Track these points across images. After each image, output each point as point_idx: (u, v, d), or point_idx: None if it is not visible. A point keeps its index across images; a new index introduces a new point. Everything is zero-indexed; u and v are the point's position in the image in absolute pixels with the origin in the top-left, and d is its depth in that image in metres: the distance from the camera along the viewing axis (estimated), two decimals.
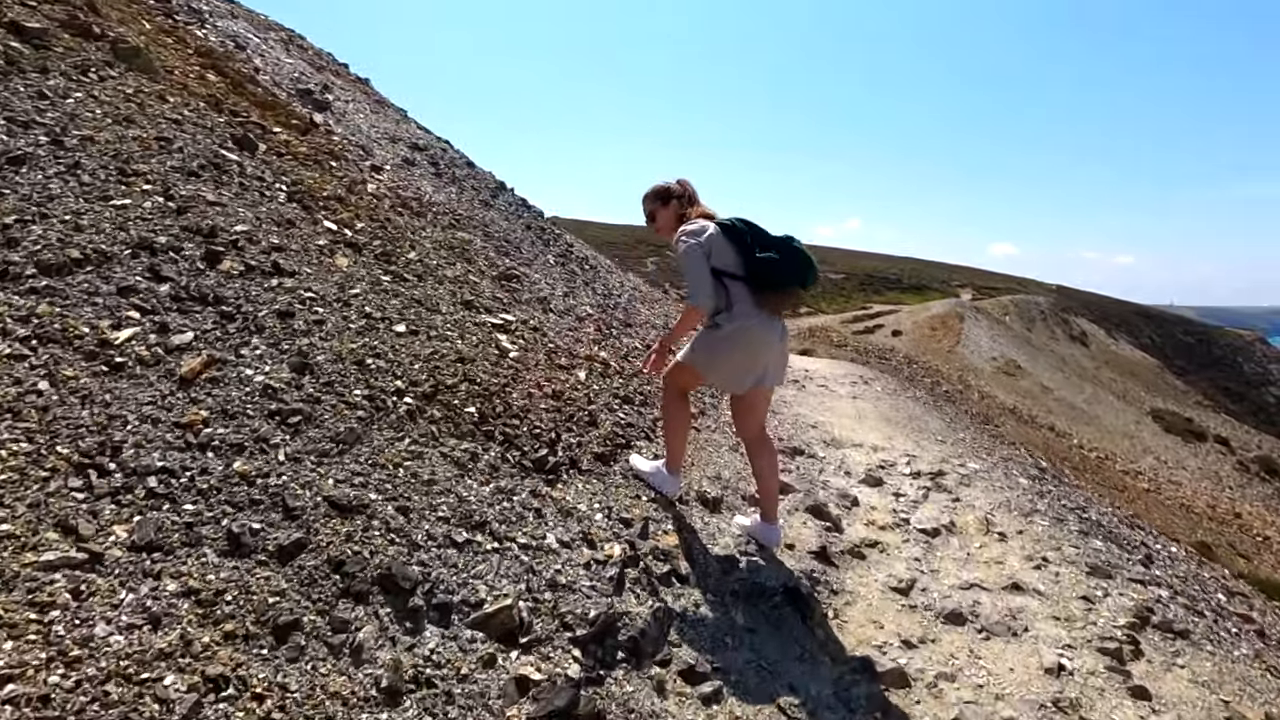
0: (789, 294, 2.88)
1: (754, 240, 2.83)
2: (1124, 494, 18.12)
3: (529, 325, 4.20)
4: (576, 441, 3.26)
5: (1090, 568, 3.31)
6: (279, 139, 4.99)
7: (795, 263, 2.81)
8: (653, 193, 3.14)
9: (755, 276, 2.83)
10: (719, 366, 2.94)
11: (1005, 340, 34.19)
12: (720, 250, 2.85)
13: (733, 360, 2.90)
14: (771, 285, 2.83)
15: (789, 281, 2.84)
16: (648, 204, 3.16)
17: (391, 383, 2.86)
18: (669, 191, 3.11)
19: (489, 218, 6.43)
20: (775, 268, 2.80)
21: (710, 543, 3.06)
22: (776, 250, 2.80)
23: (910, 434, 5.46)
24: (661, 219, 3.11)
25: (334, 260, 3.64)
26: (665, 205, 3.09)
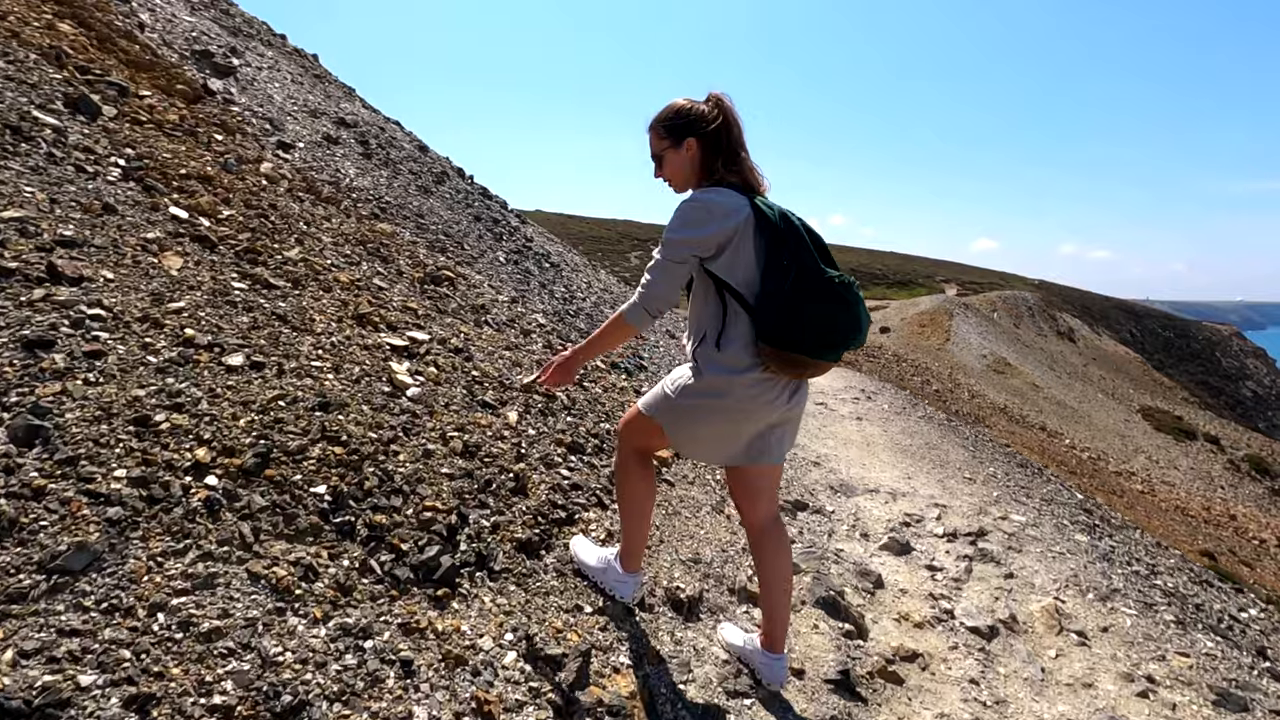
0: (811, 364, 1.82)
1: (799, 268, 1.76)
2: (1121, 498, 17.49)
3: (448, 346, 3.18)
4: (491, 524, 2.26)
5: (1217, 694, 2.38)
6: (141, 104, 3.92)
7: (842, 329, 1.77)
8: (663, 117, 1.87)
9: (773, 323, 1.77)
10: (691, 430, 1.95)
11: (994, 337, 33.59)
12: (742, 252, 1.80)
13: (711, 425, 1.91)
14: (792, 345, 1.78)
15: (821, 352, 1.78)
16: (654, 139, 1.90)
17: (186, 454, 1.85)
18: (689, 118, 1.84)
19: (427, 206, 5.40)
20: (812, 330, 1.74)
21: (684, 679, 2.08)
22: (829, 302, 1.74)
23: (932, 470, 4.51)
24: (671, 165, 1.88)
25: (161, 260, 2.61)
26: (678, 143, 1.85)
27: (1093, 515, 4.39)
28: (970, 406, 21.77)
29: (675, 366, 5.28)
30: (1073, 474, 16.47)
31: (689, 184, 1.92)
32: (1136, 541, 4.29)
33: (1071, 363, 36.97)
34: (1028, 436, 20.10)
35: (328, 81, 7.72)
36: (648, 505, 2.17)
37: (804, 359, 1.78)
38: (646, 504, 2.17)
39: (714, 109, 1.85)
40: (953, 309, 34.82)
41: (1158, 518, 17.36)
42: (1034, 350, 35.52)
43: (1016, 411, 24.06)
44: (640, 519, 2.16)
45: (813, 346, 1.77)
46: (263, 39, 7.28)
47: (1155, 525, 15.70)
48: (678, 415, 1.95)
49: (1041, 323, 41.49)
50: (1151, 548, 4.54)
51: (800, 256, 1.78)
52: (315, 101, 6.07)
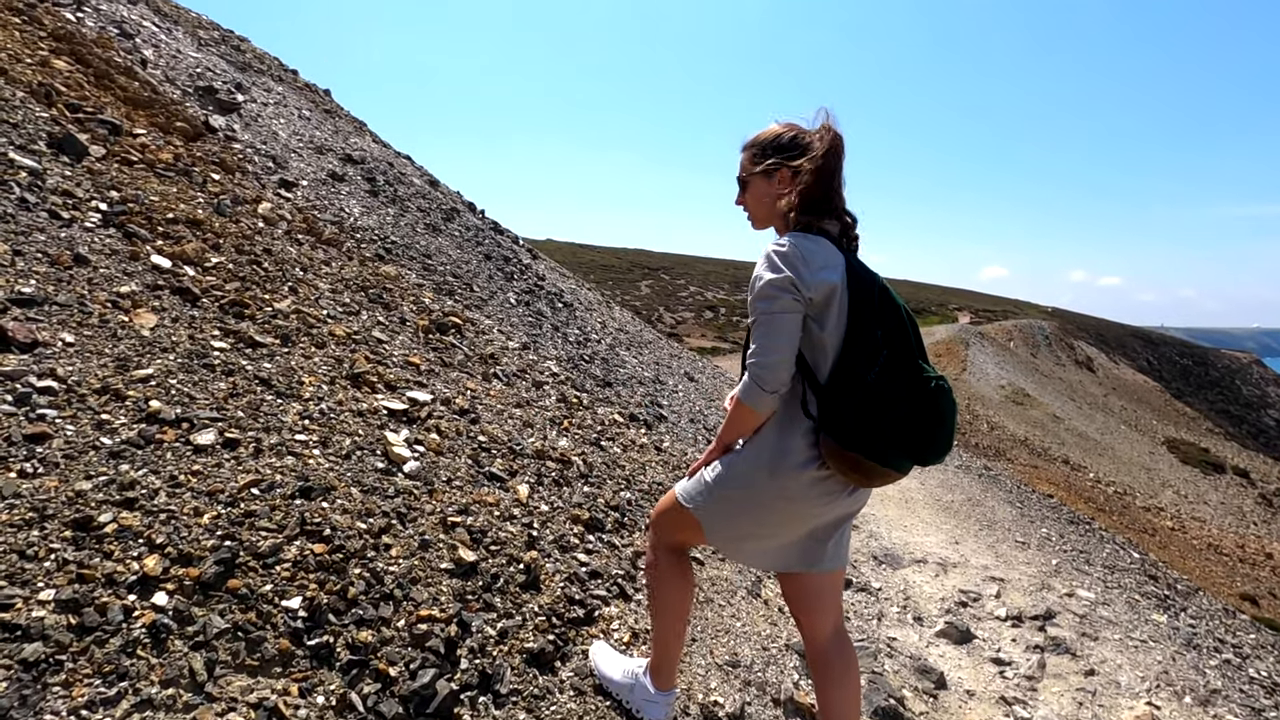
0: (879, 474, 1.48)
1: (892, 355, 1.44)
2: (1154, 537, 16.87)
3: (453, 407, 2.87)
4: (497, 632, 1.92)
5: None
6: (134, 143, 3.70)
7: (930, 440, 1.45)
8: (761, 139, 1.62)
9: (846, 415, 1.43)
10: (731, 528, 1.61)
11: (1012, 367, 33.07)
12: (828, 319, 1.48)
13: (756, 522, 1.57)
14: (863, 447, 1.43)
15: (897, 463, 1.45)
16: (745, 161, 1.65)
17: (132, 564, 1.54)
18: (791, 146, 1.57)
19: (435, 245, 5.15)
20: (895, 436, 1.42)
21: None
22: (920, 405, 1.43)
23: (980, 532, 4.13)
24: (756, 194, 1.63)
25: (133, 318, 2.33)
26: (770, 173, 1.58)
27: (1159, 582, 3.99)
28: (990, 439, 21.27)
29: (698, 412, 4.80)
30: (1101, 511, 15.91)
31: (771, 222, 1.63)
32: (1210, 614, 3.88)
33: (1091, 393, 36.30)
34: (1052, 471, 19.55)
35: (338, 116, 7.58)
36: (684, 609, 1.82)
37: (874, 466, 1.44)
38: (682, 608, 1.82)
39: (823, 141, 1.53)
40: (968, 338, 34.38)
41: (1192, 558, 16.71)
42: (1053, 380, 34.93)
43: (1038, 444, 23.51)
44: (675, 627, 1.82)
45: (888, 454, 1.43)
46: (273, 74, 7.16)
47: (1191, 566, 15.08)
48: (716, 508, 1.61)
49: (1059, 351, 40.89)
50: (1223, 617, 4.12)
51: (895, 341, 1.46)
52: (323, 137, 5.89)
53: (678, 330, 26.61)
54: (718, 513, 1.61)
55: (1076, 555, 4.03)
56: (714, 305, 33.87)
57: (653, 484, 3.30)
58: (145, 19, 5.68)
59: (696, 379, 6.70)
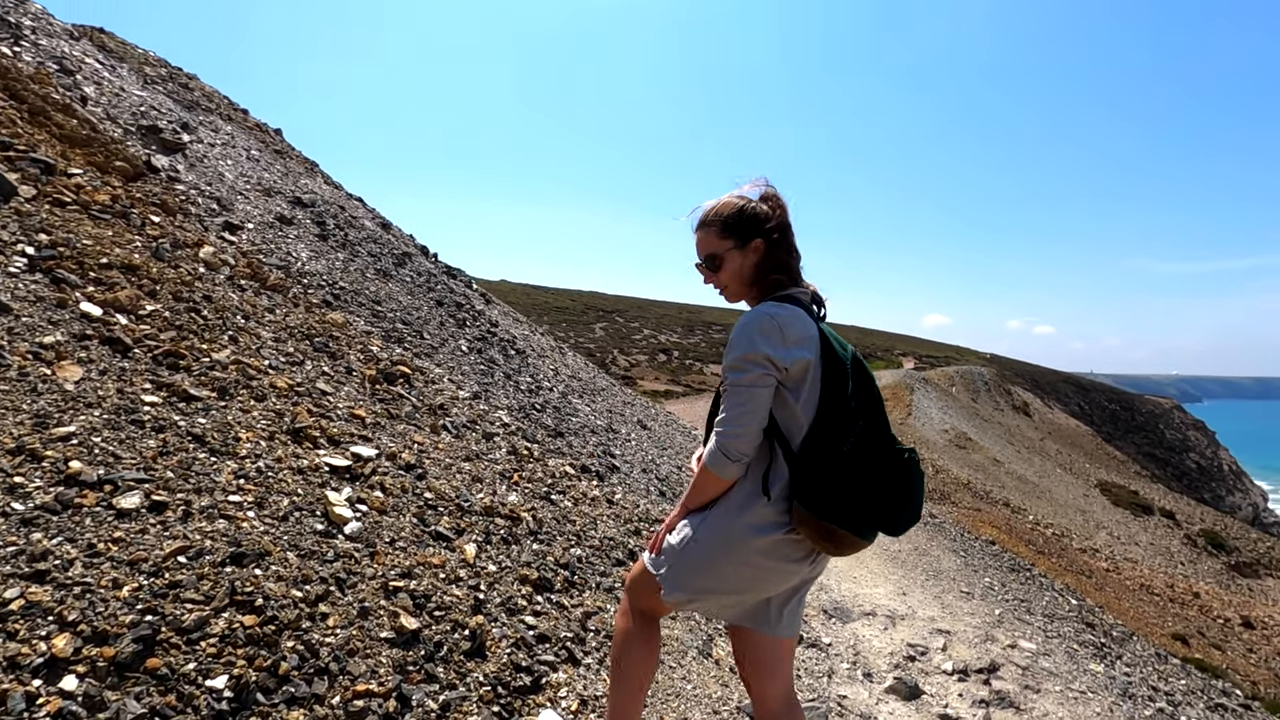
0: (851, 543, 1.50)
1: (867, 427, 1.48)
2: (1090, 579, 17.41)
3: (399, 462, 2.80)
4: (439, 705, 1.84)
5: None
6: (69, 183, 3.57)
7: (901, 510, 1.50)
8: (723, 214, 1.60)
9: (822, 485, 1.45)
10: (693, 580, 1.59)
11: (954, 411, 34.15)
12: (804, 391, 1.50)
13: (718, 577, 1.56)
14: (838, 517, 1.46)
15: (869, 533, 1.49)
16: (711, 238, 1.62)
17: (40, 645, 1.42)
18: (755, 216, 1.59)
19: (385, 291, 5.08)
20: (869, 506, 1.46)
21: None
22: (895, 477, 1.47)
23: (927, 582, 4.19)
24: (732, 267, 1.60)
25: (56, 371, 2.21)
26: (743, 244, 1.59)
27: (1096, 630, 4.10)
28: (935, 483, 21.78)
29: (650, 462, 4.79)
30: (1041, 554, 16.37)
31: (745, 294, 1.64)
32: (1144, 660, 3.99)
33: (1029, 436, 37.70)
34: (994, 514, 20.09)
35: (289, 157, 7.49)
36: (647, 680, 1.77)
37: (845, 535, 1.46)
38: (646, 678, 1.76)
39: (772, 210, 1.60)
40: (913, 383, 35.43)
41: (1127, 598, 17.27)
42: (992, 425, 36.18)
43: (980, 487, 24.18)
44: (636, 697, 1.76)
45: (861, 524, 1.46)
46: (221, 113, 7.05)
47: (1126, 607, 15.57)
48: (679, 566, 1.59)
49: (998, 396, 42.49)
50: (1156, 663, 4.25)
51: (869, 412, 1.49)
52: (271, 179, 5.79)
53: (631, 373, 26.67)
54: (681, 570, 1.58)
55: (1018, 604, 4.12)
56: (667, 349, 34.16)
57: (604, 539, 3.25)
58: (88, 55, 5.55)
59: (650, 426, 6.70)
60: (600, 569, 2.97)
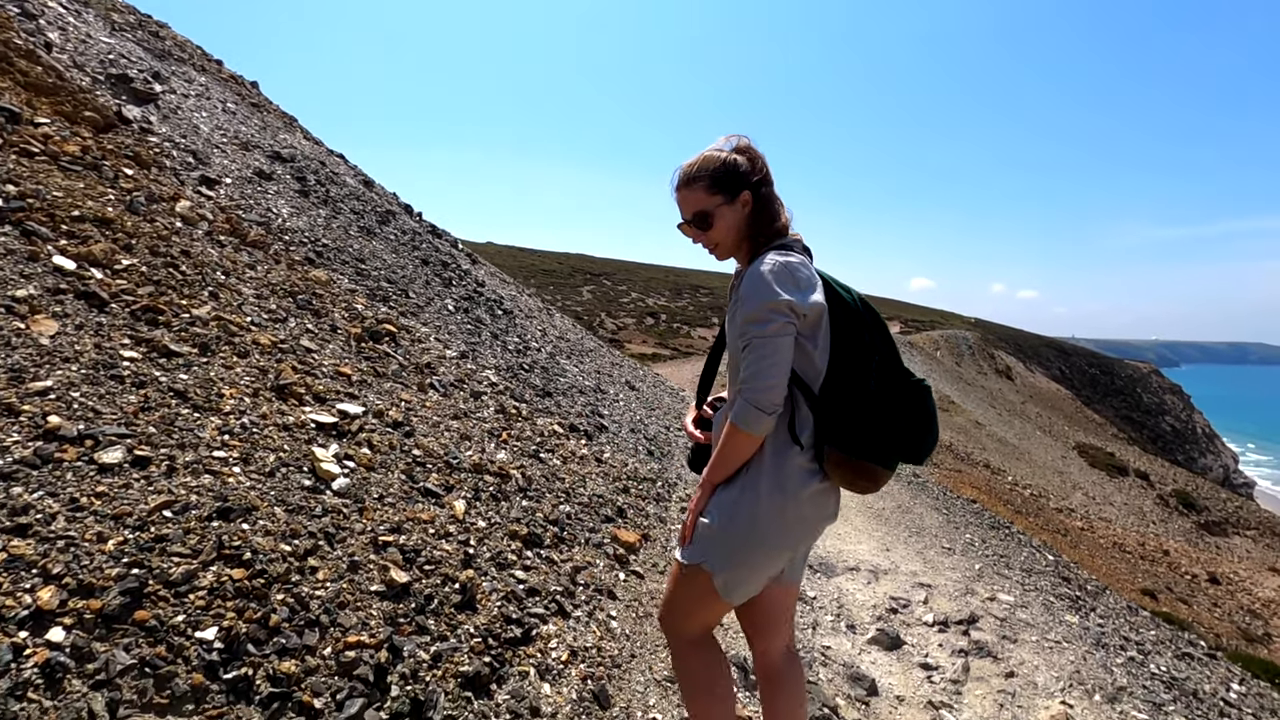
0: (881, 476, 1.50)
1: (883, 362, 1.49)
2: (1066, 537, 17.88)
3: (386, 419, 2.78)
4: (430, 656, 1.86)
5: None
6: (36, 133, 3.44)
7: (925, 437, 1.51)
8: (710, 169, 1.55)
9: (851, 425, 1.45)
10: (750, 567, 1.51)
11: (938, 375, 34.53)
12: (819, 335, 1.49)
13: (770, 548, 1.50)
14: (870, 453, 1.46)
15: (894, 464, 1.50)
16: (700, 195, 1.56)
17: (24, 597, 1.41)
18: (739, 169, 1.54)
19: (370, 249, 4.99)
20: (897, 438, 1.47)
21: None
22: (915, 405, 1.49)
23: (909, 538, 4.27)
24: (724, 223, 1.56)
25: (30, 325, 2.15)
26: (732, 198, 1.54)
27: (1071, 583, 4.22)
28: None
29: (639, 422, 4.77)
30: (1019, 513, 16.75)
31: (738, 249, 1.60)
32: (1116, 612, 4.13)
33: (1010, 400, 38.28)
34: (974, 475, 20.48)
35: (266, 111, 7.26)
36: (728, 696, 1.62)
37: (878, 470, 1.47)
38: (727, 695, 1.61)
39: (753, 158, 1.57)
40: (899, 348, 35.74)
41: (1100, 556, 17.79)
42: (975, 388, 36.67)
43: (962, 449, 24.61)
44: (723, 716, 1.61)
45: (892, 457, 1.48)
46: (195, 64, 6.80)
47: (1099, 564, 16.04)
48: (730, 553, 1.48)
49: (981, 361, 42.97)
50: (1128, 615, 4.39)
51: (883, 346, 1.50)
52: (249, 133, 5.62)
53: (619, 336, 26.62)
54: (734, 559, 1.49)
55: (997, 559, 4.22)
56: (655, 312, 34.06)
57: (593, 496, 3.27)
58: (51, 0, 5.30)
59: (638, 388, 6.70)
60: (589, 525, 2.99)
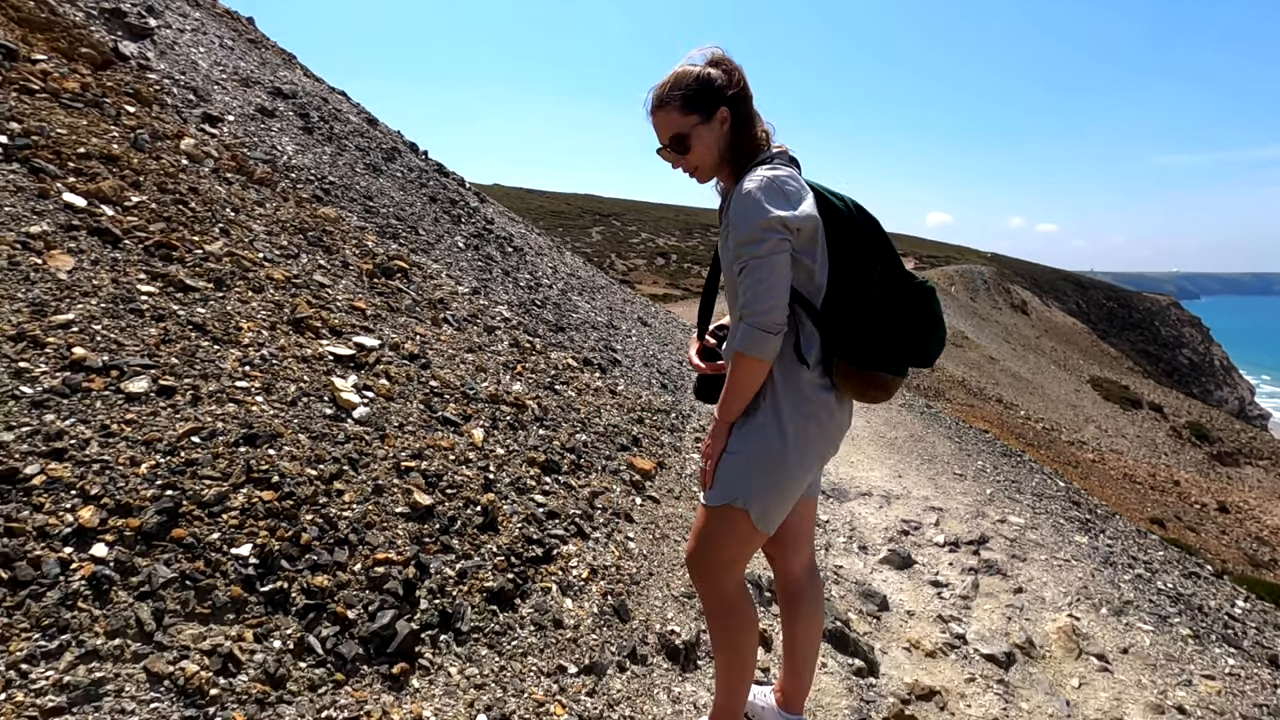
0: (892, 384, 1.48)
1: (886, 269, 1.44)
2: (1076, 468, 18.00)
3: (402, 352, 2.80)
4: (456, 573, 1.93)
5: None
6: (34, 69, 3.38)
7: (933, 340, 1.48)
8: (682, 87, 1.45)
9: (859, 336, 1.42)
10: (781, 493, 1.47)
11: (952, 310, 34.22)
12: (816, 248, 1.43)
13: (798, 468, 1.46)
14: (880, 361, 1.44)
15: (905, 370, 1.48)
16: (673, 117, 1.46)
17: (66, 516, 1.47)
18: (715, 84, 1.44)
19: (377, 187, 4.93)
20: (905, 343, 1.44)
21: None
22: (921, 309, 1.44)
23: (922, 466, 4.32)
24: (702, 144, 1.46)
25: (47, 260, 2.17)
26: (709, 115, 1.45)
27: (1082, 508, 4.28)
28: (930, 380, 22.12)
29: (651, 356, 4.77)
30: (1030, 446, 16.83)
31: (720, 169, 1.51)
32: (1125, 535, 4.19)
33: (1025, 335, 37.97)
34: (986, 409, 20.51)
35: (264, 47, 7.07)
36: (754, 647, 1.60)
37: (888, 378, 1.46)
38: (753, 647, 1.60)
39: (728, 70, 1.47)
40: None
41: (1110, 486, 17.93)
42: (990, 323, 36.35)
43: (974, 384, 24.58)
44: (746, 669, 1.60)
45: (902, 363, 1.46)
46: None
47: (1108, 494, 16.20)
48: (762, 485, 1.44)
49: (996, 296, 42.44)
50: (1136, 537, 4.46)
51: (884, 252, 1.45)
52: (248, 69, 5.49)
53: (630, 277, 26.46)
54: (766, 489, 1.45)
55: (1009, 485, 4.28)
56: (665, 252, 33.70)
57: (608, 426, 3.32)
58: None
59: (650, 324, 6.70)
60: (606, 453, 3.04)
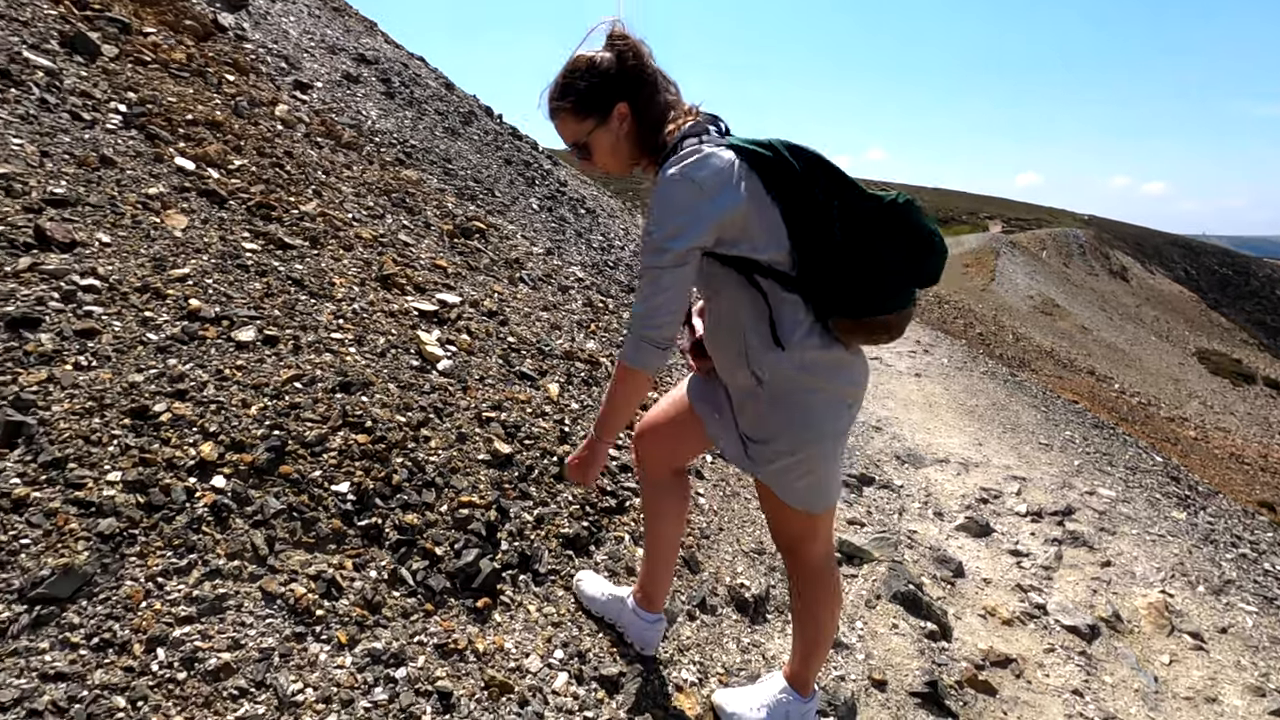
0: (896, 322, 1.34)
1: (843, 204, 1.29)
2: (1175, 446, 16.85)
3: (481, 309, 2.90)
4: (534, 518, 2.01)
5: None
6: (145, 42, 3.61)
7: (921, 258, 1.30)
8: (571, 87, 1.34)
9: (838, 288, 1.31)
10: (833, 464, 1.43)
11: (1042, 277, 32.32)
12: (761, 215, 1.29)
13: (829, 442, 1.40)
14: (871, 305, 1.31)
15: (905, 301, 1.33)
16: (570, 123, 1.36)
17: (189, 450, 1.61)
18: (606, 75, 1.32)
19: (455, 150, 5.04)
20: (890, 277, 1.30)
21: None
22: (894, 232, 1.29)
23: (1003, 434, 4.16)
24: (603, 147, 1.38)
25: (164, 219, 2.34)
26: (605, 115, 1.33)
27: (1181, 483, 4.03)
28: (1015, 350, 21.07)
29: None
30: (1124, 420, 15.85)
31: (635, 159, 1.40)
32: (1229, 514, 3.93)
33: (1124, 303, 35.49)
34: (1076, 382, 19.39)
35: (347, 15, 7.28)
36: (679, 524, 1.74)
37: (889, 320, 1.33)
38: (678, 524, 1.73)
39: (623, 50, 1.32)
40: (999, 248, 33.47)
41: (1213, 466, 16.74)
42: (1084, 291, 34.15)
43: (1064, 355, 23.26)
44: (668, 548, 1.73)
45: (902, 295, 1.32)
46: None
47: (1211, 474, 15.12)
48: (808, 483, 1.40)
49: (1093, 261, 39.75)
50: (1242, 517, 4.17)
51: (835, 189, 1.29)
52: (334, 37, 5.68)
53: None
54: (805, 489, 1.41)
55: (1099, 457, 4.07)
56: None
57: None
58: None
59: None
60: None
